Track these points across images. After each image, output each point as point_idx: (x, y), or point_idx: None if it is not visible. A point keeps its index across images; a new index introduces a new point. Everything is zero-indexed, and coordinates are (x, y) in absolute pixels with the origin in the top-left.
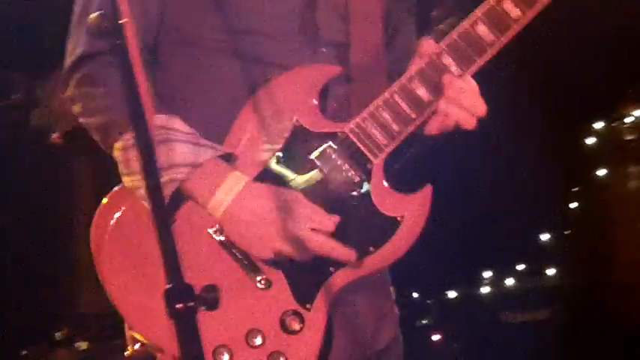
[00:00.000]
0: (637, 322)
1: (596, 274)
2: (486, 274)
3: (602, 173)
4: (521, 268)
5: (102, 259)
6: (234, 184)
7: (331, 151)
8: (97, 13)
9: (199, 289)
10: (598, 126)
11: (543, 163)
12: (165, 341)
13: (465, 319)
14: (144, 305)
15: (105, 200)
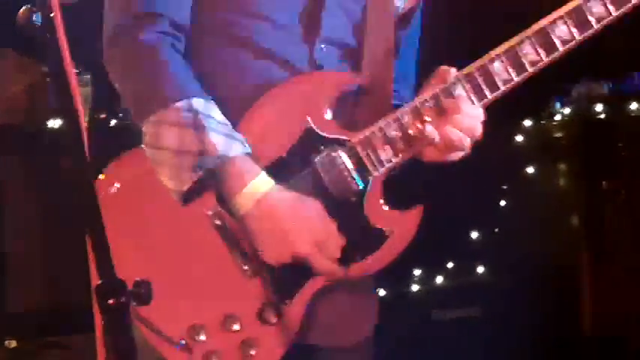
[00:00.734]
0: (567, 321)
1: (525, 272)
2: (416, 272)
3: (530, 171)
4: (450, 265)
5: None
6: (262, 185)
7: (336, 157)
8: (25, 7)
9: (180, 269)
10: (527, 123)
11: (473, 161)
12: (153, 312)
13: (396, 317)
14: (143, 271)
15: (116, 159)
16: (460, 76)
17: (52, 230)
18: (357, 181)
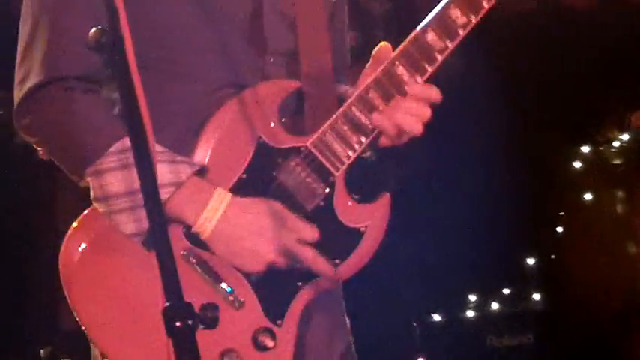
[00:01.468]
0: (620, 347)
1: (581, 299)
2: (472, 298)
3: (588, 197)
4: (506, 292)
5: (73, 285)
6: (220, 202)
7: (294, 166)
8: (96, 28)
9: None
10: (585, 150)
11: (530, 187)
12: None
13: (450, 343)
14: (120, 334)
15: (75, 224)
16: (397, 55)
17: None
18: (322, 185)
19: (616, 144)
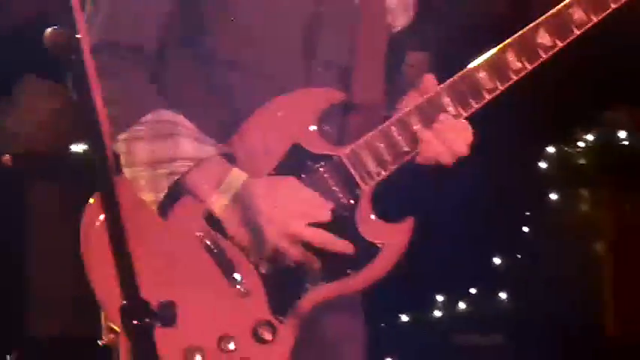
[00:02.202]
0: (587, 345)
1: (548, 299)
2: (439, 298)
3: (554, 197)
4: (473, 291)
5: (88, 251)
6: (235, 181)
7: (323, 173)
8: (51, 28)
9: (174, 292)
10: (550, 150)
11: (496, 187)
12: None
13: (418, 343)
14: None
15: (92, 200)
16: (445, 86)
17: (78, 254)
18: (347, 196)
19: (581, 144)
